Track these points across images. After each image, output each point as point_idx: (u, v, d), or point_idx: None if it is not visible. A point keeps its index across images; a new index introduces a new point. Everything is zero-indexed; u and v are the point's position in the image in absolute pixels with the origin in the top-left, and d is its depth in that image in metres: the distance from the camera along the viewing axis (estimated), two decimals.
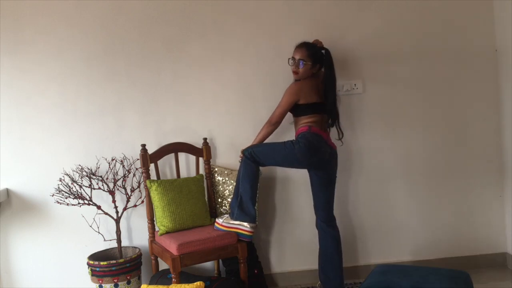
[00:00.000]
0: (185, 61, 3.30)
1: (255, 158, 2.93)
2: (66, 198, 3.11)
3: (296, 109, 3.00)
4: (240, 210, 2.92)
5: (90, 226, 3.24)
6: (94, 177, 3.16)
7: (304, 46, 3.00)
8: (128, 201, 3.18)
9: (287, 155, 2.92)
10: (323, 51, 3.02)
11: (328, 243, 3.06)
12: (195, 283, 2.46)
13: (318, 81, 3.03)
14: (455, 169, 3.45)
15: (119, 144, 3.28)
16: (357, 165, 3.41)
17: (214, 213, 3.25)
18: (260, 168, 3.28)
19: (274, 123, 3.02)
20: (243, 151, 2.98)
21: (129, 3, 3.24)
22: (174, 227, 2.98)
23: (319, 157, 2.95)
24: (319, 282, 3.18)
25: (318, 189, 3.07)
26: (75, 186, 3.13)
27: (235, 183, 3.01)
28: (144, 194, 3.16)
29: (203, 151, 3.23)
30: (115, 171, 3.20)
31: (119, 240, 3.16)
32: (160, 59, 3.29)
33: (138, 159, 3.17)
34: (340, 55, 3.33)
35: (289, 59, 3.03)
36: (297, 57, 2.98)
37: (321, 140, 2.95)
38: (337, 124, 3.08)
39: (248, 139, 3.21)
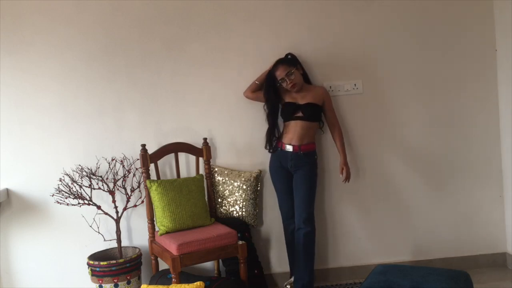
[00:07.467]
0: (185, 61, 3.30)
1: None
2: (66, 198, 3.11)
3: (319, 113, 3.13)
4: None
5: (90, 226, 3.24)
6: (94, 177, 3.16)
7: (279, 64, 3.07)
8: (128, 201, 3.18)
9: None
10: (289, 56, 3.12)
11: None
12: (195, 283, 2.47)
13: None
14: (455, 169, 3.45)
15: (119, 144, 3.28)
16: (357, 165, 3.41)
17: (214, 213, 3.25)
18: (261, 168, 3.29)
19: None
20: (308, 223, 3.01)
21: (129, 3, 3.24)
22: (174, 227, 2.98)
23: None
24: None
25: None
26: (75, 186, 3.13)
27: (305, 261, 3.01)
28: (144, 194, 3.16)
29: (203, 151, 3.23)
30: (115, 171, 3.20)
31: (119, 240, 3.16)
32: (160, 59, 3.28)
33: (138, 159, 3.17)
34: (340, 55, 3.33)
35: (278, 82, 3.07)
36: (283, 75, 3.03)
37: None
38: None
39: (248, 139, 3.22)
